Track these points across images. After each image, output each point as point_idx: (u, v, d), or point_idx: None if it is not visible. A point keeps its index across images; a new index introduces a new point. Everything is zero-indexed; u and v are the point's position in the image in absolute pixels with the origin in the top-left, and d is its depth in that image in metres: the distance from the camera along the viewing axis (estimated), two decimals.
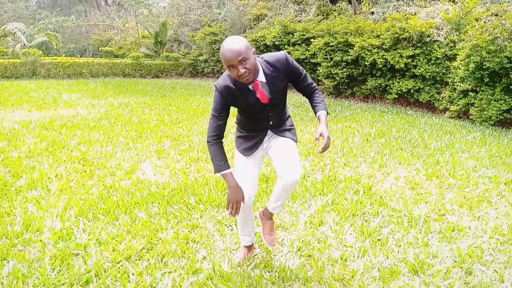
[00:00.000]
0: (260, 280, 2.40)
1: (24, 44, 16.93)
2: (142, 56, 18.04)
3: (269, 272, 2.54)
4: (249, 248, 2.67)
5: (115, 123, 7.04)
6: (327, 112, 2.26)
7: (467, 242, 3.01)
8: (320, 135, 2.12)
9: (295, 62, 2.19)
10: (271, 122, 2.30)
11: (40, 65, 15.04)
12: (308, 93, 2.35)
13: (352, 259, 2.72)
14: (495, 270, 2.63)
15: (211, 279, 2.41)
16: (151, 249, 2.76)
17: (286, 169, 2.21)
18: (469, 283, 2.48)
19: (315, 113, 2.28)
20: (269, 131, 2.34)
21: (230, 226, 3.17)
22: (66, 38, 23.67)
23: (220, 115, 2.16)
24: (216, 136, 2.19)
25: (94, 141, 5.65)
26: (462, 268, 2.64)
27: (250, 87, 2.09)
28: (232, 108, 2.20)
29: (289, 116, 2.44)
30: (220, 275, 2.45)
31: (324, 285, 2.40)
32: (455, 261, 2.73)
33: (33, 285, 2.31)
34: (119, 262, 2.58)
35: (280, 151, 2.30)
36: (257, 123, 2.31)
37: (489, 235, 3.14)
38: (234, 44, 1.94)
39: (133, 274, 2.44)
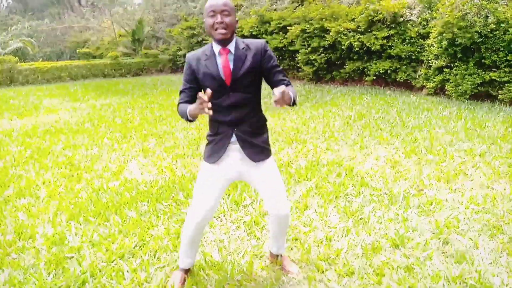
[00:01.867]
0: (251, 267, 2.51)
1: None
2: (121, 55, 17.87)
3: (258, 259, 2.66)
4: (187, 271, 2.44)
5: (98, 125, 7.04)
6: (295, 100, 1.98)
7: (445, 214, 3.18)
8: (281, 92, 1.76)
9: (273, 54, 2.09)
10: (234, 117, 2.06)
11: (17, 72, 14.80)
12: (280, 81, 2.10)
13: (336, 239, 2.85)
14: (470, 238, 2.80)
15: (203, 269, 2.52)
16: (143, 246, 2.85)
17: (273, 205, 2.18)
18: (446, 252, 2.64)
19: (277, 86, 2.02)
20: (234, 135, 2.09)
21: (219, 217, 3.28)
22: (41, 42, 23.24)
23: (186, 88, 2.09)
24: (182, 102, 2.09)
25: (79, 145, 5.67)
26: (439, 239, 2.80)
27: (217, 52, 2.01)
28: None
29: (266, 132, 2.20)
30: (212, 265, 2.57)
31: (311, 266, 2.53)
32: (433, 233, 2.89)
33: None
34: (113, 261, 2.67)
35: (264, 184, 2.16)
36: (220, 116, 2.06)
37: (465, 205, 3.31)
38: None
39: (127, 271, 2.53)
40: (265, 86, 2.22)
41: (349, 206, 3.38)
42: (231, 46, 2.02)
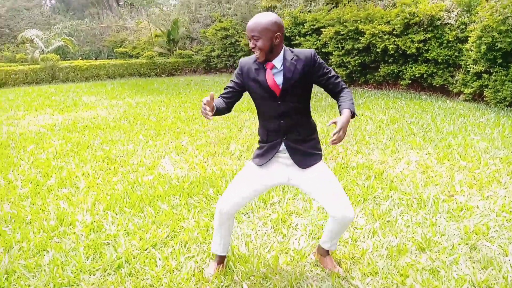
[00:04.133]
0: (276, 261, 2.59)
1: (42, 50, 17.44)
2: (156, 55, 18.34)
3: (284, 254, 2.73)
4: (221, 260, 2.51)
5: (134, 122, 7.31)
6: (354, 112, 2.00)
7: (474, 220, 3.14)
8: (334, 123, 1.90)
9: (322, 61, 2.11)
10: (284, 126, 2.12)
11: (58, 70, 15.50)
12: (336, 91, 2.15)
13: (362, 239, 2.89)
14: (499, 245, 2.76)
15: (230, 261, 2.61)
16: (174, 237, 2.99)
17: (337, 207, 2.12)
18: (473, 258, 2.62)
19: (340, 109, 2.05)
20: (283, 143, 2.15)
21: (247, 214, 3.37)
22: (81, 41, 24.17)
23: (231, 87, 2.17)
24: (222, 96, 2.18)
25: (116, 141, 5.92)
26: (467, 244, 2.78)
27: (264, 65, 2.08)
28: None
29: (315, 138, 2.22)
30: (239, 257, 2.66)
31: (335, 263, 2.57)
32: (461, 238, 2.87)
33: (71, 271, 2.56)
34: (146, 249, 2.81)
35: (319, 187, 2.15)
36: (269, 123, 2.16)
37: (496, 213, 3.26)
38: (256, 19, 1.99)
39: (159, 259, 2.67)
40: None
41: (377, 208, 3.40)
42: (277, 61, 2.05)
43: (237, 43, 16.55)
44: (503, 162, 4.54)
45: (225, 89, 2.22)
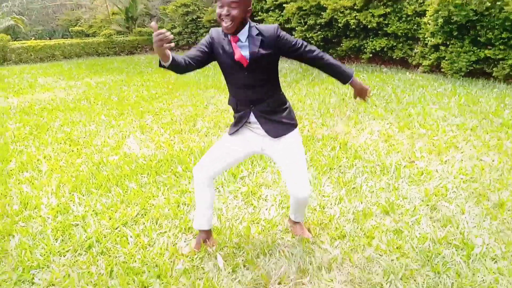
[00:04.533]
0: (248, 231, 2.64)
1: None
2: (114, 34, 17.66)
3: (255, 224, 2.79)
4: (206, 234, 2.48)
5: (94, 102, 7.08)
6: (352, 73, 2.17)
7: (434, 183, 3.32)
8: (361, 89, 2.20)
9: (288, 35, 2.09)
10: (251, 96, 2.12)
11: (9, 51, 14.64)
12: (315, 60, 2.14)
13: (329, 206, 2.99)
14: (457, 205, 2.94)
15: None
16: (145, 215, 2.97)
17: (294, 186, 2.19)
18: (433, 217, 2.78)
19: (344, 83, 2.19)
20: (252, 114, 2.16)
21: (217, 188, 3.39)
22: (33, 21, 22.87)
23: (198, 50, 2.08)
24: (186, 55, 2.06)
25: (77, 122, 5.73)
26: (428, 205, 2.94)
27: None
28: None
29: (287, 108, 2.23)
30: (213, 229, 2.69)
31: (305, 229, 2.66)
32: (422, 200, 3.03)
33: (40, 254, 2.51)
34: (116, 228, 2.79)
35: (285, 161, 2.19)
36: (238, 93, 2.17)
37: (454, 175, 3.45)
38: None
39: (131, 236, 2.66)
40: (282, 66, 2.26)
41: (342, 177, 3.51)
42: (242, 35, 2.03)
43: (198, 19, 16.18)
44: (459, 128, 4.78)
45: (192, 49, 2.12)
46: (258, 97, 2.14)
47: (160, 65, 1.91)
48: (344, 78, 2.19)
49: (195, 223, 2.46)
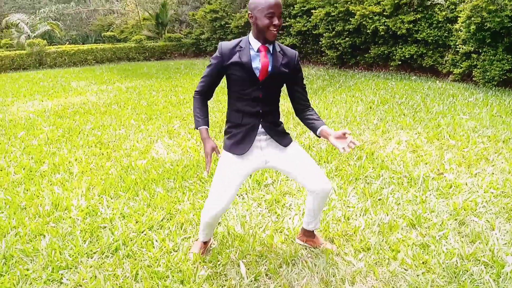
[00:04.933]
0: (271, 240, 2.65)
1: (28, 35, 17.09)
2: (145, 39, 18.10)
3: (279, 233, 2.79)
4: (205, 243, 2.58)
5: (125, 107, 7.27)
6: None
7: (463, 197, 3.23)
8: (343, 133, 1.99)
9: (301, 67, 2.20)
10: (261, 109, 2.12)
11: (45, 55, 15.24)
12: (302, 106, 2.25)
13: (354, 217, 2.95)
14: (487, 220, 2.85)
15: (226, 240, 2.67)
16: (170, 219, 3.03)
17: (316, 182, 2.16)
18: (461, 232, 2.71)
19: (315, 128, 2.15)
20: (261, 126, 2.15)
21: (241, 195, 3.42)
22: (67, 26, 23.74)
23: (210, 75, 2.13)
24: (199, 93, 2.17)
25: (107, 125, 5.90)
26: (456, 219, 2.87)
27: (256, 48, 2.04)
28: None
29: (282, 123, 2.29)
30: (235, 237, 2.71)
31: (328, 240, 2.64)
32: (450, 214, 2.95)
33: (69, 255, 2.59)
34: (143, 232, 2.85)
35: (297, 164, 2.18)
36: (246, 107, 2.12)
37: (484, 189, 3.35)
38: None
39: (156, 240, 2.71)
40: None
41: (368, 187, 3.46)
42: (271, 45, 2.07)
43: (226, 25, 16.38)
44: (491, 140, 4.63)
45: (202, 78, 2.16)
46: (267, 111, 2.16)
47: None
48: (318, 123, 2.17)
49: (201, 236, 2.53)
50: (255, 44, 2.05)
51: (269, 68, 2.06)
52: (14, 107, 7.60)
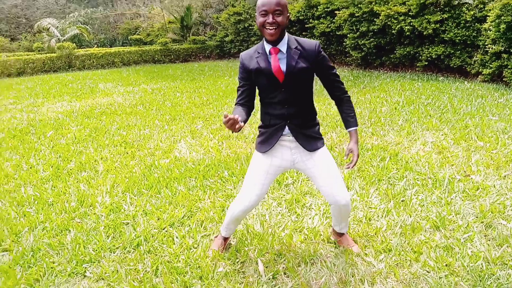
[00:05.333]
0: (290, 239, 2.64)
1: (58, 39, 17.65)
2: (170, 42, 18.39)
3: (298, 232, 2.77)
4: (226, 239, 2.60)
5: (150, 108, 7.40)
6: (357, 125, 2.20)
7: (491, 199, 3.12)
8: (350, 152, 2.14)
9: (326, 56, 2.10)
10: (287, 112, 2.10)
11: (75, 58, 15.71)
12: (338, 96, 2.19)
13: (376, 218, 2.91)
14: None
15: (245, 239, 2.67)
16: (191, 217, 3.06)
17: (332, 193, 2.17)
18: (488, 236, 2.62)
19: (346, 127, 2.20)
20: (287, 127, 2.13)
21: None
22: (95, 29, 24.37)
23: (242, 86, 2.15)
24: (239, 103, 2.15)
25: (132, 126, 6.02)
26: (483, 222, 2.78)
27: (268, 51, 2.03)
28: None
29: (318, 124, 2.23)
30: (254, 236, 2.72)
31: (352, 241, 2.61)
32: (477, 217, 2.86)
33: (92, 249, 2.66)
34: (164, 228, 2.89)
35: (318, 172, 2.18)
36: (273, 110, 2.12)
37: None
38: None
39: (177, 237, 2.75)
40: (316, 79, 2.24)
41: (391, 188, 3.40)
42: (282, 45, 2.02)
43: (250, 27, 16.45)
44: None
45: (238, 91, 2.19)
46: (293, 113, 2.11)
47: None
48: (349, 123, 2.20)
49: (224, 231, 2.55)
50: (267, 46, 2.04)
51: (284, 69, 2.02)
52: (44, 107, 7.86)
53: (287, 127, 2.13)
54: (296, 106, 2.10)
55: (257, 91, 2.19)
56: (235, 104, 2.17)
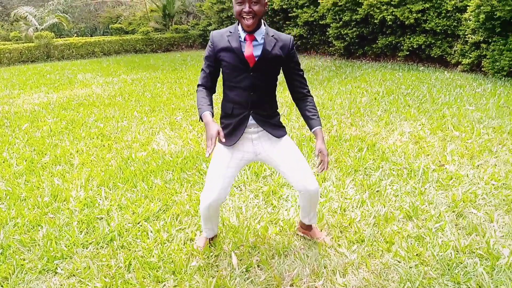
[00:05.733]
0: (265, 231, 2.64)
1: (36, 28, 17.18)
2: (152, 31, 18.09)
3: (273, 224, 2.78)
4: (211, 238, 2.56)
5: (129, 99, 7.29)
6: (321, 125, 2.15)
7: (463, 189, 3.18)
8: (320, 152, 2.07)
9: (297, 54, 2.14)
10: (252, 99, 2.07)
11: (53, 47, 15.33)
12: (300, 94, 2.21)
13: (350, 209, 2.93)
14: (486, 212, 2.80)
15: (220, 232, 2.67)
16: (166, 211, 3.04)
17: (302, 181, 2.15)
18: (459, 225, 2.67)
19: (310, 127, 2.16)
20: (251, 117, 2.10)
21: (239, 187, 3.41)
22: (76, 18, 23.82)
23: (208, 67, 2.10)
24: (203, 86, 2.12)
25: (110, 117, 5.92)
26: (454, 211, 2.83)
27: (242, 38, 2.01)
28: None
29: (279, 115, 2.24)
30: (229, 228, 2.71)
31: (323, 232, 2.62)
32: (449, 206, 2.91)
33: (65, 245, 2.61)
34: (138, 223, 2.86)
35: (286, 159, 2.16)
36: (237, 96, 2.08)
37: (485, 181, 3.29)
38: None
39: (151, 231, 2.72)
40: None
41: (367, 179, 3.43)
42: (258, 34, 2.01)
43: (233, 16, 16.27)
44: (496, 131, 4.55)
45: (202, 71, 2.14)
46: (258, 100, 2.09)
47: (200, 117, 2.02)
48: (314, 122, 2.16)
49: (205, 232, 2.49)
50: (242, 33, 2.02)
51: (257, 54, 2.00)
52: (20, 99, 7.67)
53: (251, 117, 2.11)
54: (261, 93, 2.09)
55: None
56: (200, 86, 2.13)
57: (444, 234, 2.54)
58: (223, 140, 1.91)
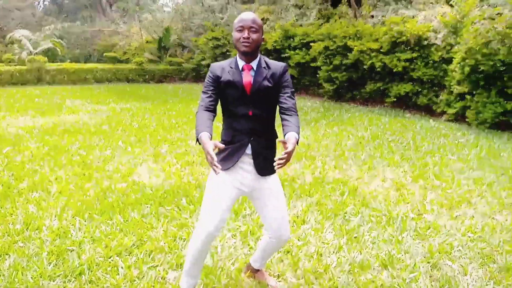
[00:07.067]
0: (239, 273, 2.59)
1: (30, 51, 17.30)
2: (146, 61, 18.34)
3: None
4: None
5: (115, 128, 7.28)
6: (298, 138, 1.97)
7: (440, 239, 3.18)
8: (287, 140, 1.92)
9: (290, 79, 2.16)
10: (251, 127, 2.09)
11: (45, 72, 15.40)
12: (288, 108, 2.10)
13: (327, 254, 2.90)
14: (460, 265, 2.80)
15: None
16: (140, 246, 2.97)
17: (276, 228, 2.17)
18: (433, 276, 2.65)
19: (284, 132, 2.01)
20: (250, 145, 2.11)
21: None
22: (71, 44, 24.09)
23: (208, 91, 2.12)
24: (203, 107, 2.09)
25: (94, 146, 5.88)
26: (429, 262, 2.82)
27: (240, 67, 2.10)
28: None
29: (276, 148, 2.22)
30: (203, 269, 2.65)
31: (298, 278, 2.58)
32: (424, 257, 2.90)
33: (31, 277, 2.52)
34: (110, 257, 2.79)
35: (265, 201, 2.17)
36: (238, 124, 2.11)
37: (462, 233, 3.30)
38: (252, 14, 2.08)
39: (122, 267, 2.65)
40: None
41: (346, 224, 3.42)
42: (254, 63, 2.12)
43: (227, 53, 16.63)
44: (476, 183, 4.62)
45: (203, 94, 2.15)
46: (258, 128, 2.12)
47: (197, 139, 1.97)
48: (291, 129, 2.00)
49: (185, 283, 2.31)
50: (241, 63, 2.12)
51: (252, 82, 2.09)
52: (5, 122, 7.60)
53: (250, 146, 2.12)
54: (261, 122, 2.13)
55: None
56: (202, 107, 2.09)
57: (418, 285, 2.52)
58: (219, 167, 1.83)
